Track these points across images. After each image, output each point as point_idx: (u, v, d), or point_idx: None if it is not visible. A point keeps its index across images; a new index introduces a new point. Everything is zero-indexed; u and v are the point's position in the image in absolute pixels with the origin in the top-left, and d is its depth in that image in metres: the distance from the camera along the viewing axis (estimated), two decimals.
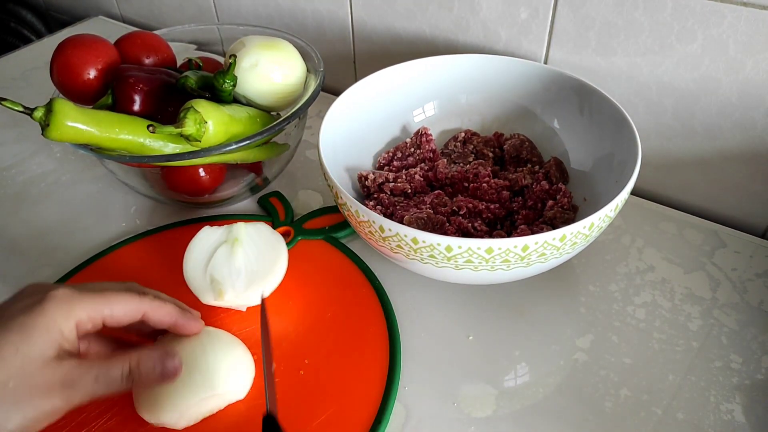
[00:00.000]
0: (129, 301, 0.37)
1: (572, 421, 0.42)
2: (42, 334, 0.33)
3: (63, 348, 0.34)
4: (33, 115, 0.45)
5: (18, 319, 0.33)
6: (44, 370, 0.33)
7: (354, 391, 0.43)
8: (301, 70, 0.57)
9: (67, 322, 0.34)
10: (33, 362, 0.32)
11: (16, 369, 0.32)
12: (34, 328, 0.33)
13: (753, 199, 0.57)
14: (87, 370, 0.34)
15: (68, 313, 0.34)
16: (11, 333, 0.33)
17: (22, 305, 0.34)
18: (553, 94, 0.57)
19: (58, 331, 0.34)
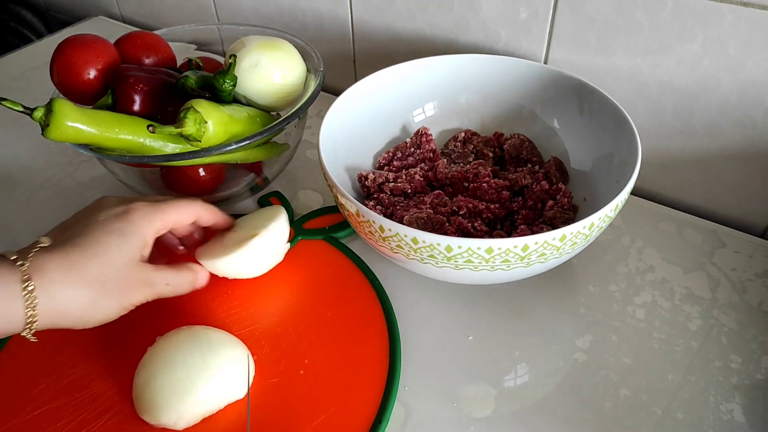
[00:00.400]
0: (189, 206, 0.45)
1: (572, 421, 0.42)
2: (135, 238, 0.41)
3: (145, 251, 0.42)
4: (33, 115, 0.45)
5: (115, 225, 0.40)
6: (134, 270, 0.41)
7: (354, 391, 0.43)
8: (301, 70, 0.57)
9: (149, 230, 0.42)
10: (129, 262, 0.40)
11: (119, 265, 0.40)
12: (130, 233, 0.41)
13: (752, 199, 0.57)
14: (162, 275, 0.43)
15: (150, 222, 0.42)
16: (112, 236, 0.40)
17: (113, 213, 0.41)
18: (553, 94, 0.57)
19: (143, 239, 0.41)
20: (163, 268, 0.43)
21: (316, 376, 0.44)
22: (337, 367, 0.45)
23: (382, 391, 0.43)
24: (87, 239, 0.39)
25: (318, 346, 0.46)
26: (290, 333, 0.47)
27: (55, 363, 0.45)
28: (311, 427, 0.41)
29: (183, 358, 0.40)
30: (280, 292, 0.51)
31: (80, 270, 0.38)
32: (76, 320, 0.39)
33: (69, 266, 0.38)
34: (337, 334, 0.47)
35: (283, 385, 0.44)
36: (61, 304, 0.37)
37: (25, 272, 0.36)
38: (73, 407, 0.42)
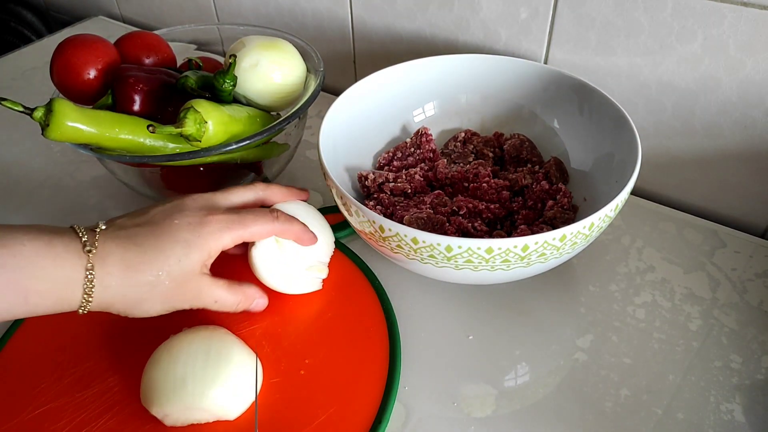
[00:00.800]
0: (265, 226, 0.44)
1: (572, 421, 0.42)
2: (198, 253, 0.41)
3: (206, 265, 0.43)
4: (33, 115, 0.45)
5: (183, 235, 0.41)
6: (189, 281, 0.41)
7: (354, 391, 0.43)
8: (301, 70, 0.57)
9: (216, 246, 0.42)
10: (186, 274, 0.41)
11: (174, 275, 0.40)
12: (194, 246, 0.41)
13: (753, 199, 0.57)
14: (213, 291, 0.43)
15: (218, 240, 0.42)
16: (177, 246, 0.40)
17: (187, 221, 0.42)
18: (553, 94, 0.57)
19: (208, 253, 0.42)
20: (218, 284, 0.43)
21: (316, 376, 0.44)
22: (338, 367, 0.45)
23: (382, 391, 0.43)
24: (151, 242, 0.40)
25: (318, 346, 0.46)
26: (290, 333, 0.47)
27: (56, 363, 0.45)
28: (311, 427, 0.41)
29: (186, 363, 0.40)
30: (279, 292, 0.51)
31: (135, 271, 0.39)
32: (120, 311, 0.40)
33: (127, 264, 0.39)
34: (338, 334, 0.47)
35: (283, 385, 0.44)
36: (111, 296, 0.39)
37: (90, 260, 0.38)
38: (74, 407, 0.42)
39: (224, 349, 0.42)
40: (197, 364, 0.40)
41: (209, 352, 0.41)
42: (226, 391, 0.40)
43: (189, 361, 0.40)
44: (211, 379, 0.40)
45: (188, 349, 0.41)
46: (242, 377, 0.41)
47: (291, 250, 0.48)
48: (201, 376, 0.40)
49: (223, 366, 0.41)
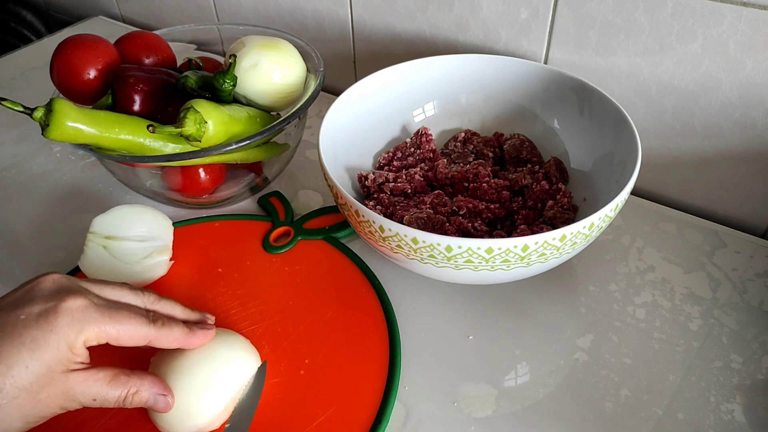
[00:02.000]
0: (138, 328, 0.37)
1: (572, 421, 0.42)
2: (52, 351, 0.33)
3: (72, 361, 0.34)
4: (33, 115, 0.45)
5: (30, 333, 0.33)
6: (50, 386, 0.34)
7: (354, 391, 0.43)
8: (301, 70, 0.57)
9: (77, 339, 0.34)
10: (41, 379, 0.33)
11: (25, 385, 0.33)
12: (45, 345, 0.33)
13: (753, 199, 0.57)
14: (87, 389, 0.35)
15: (79, 331, 0.34)
16: (23, 348, 0.33)
17: (36, 312, 0.34)
18: (553, 94, 0.57)
19: (67, 348, 0.34)
20: (97, 378, 0.35)
21: (316, 376, 0.44)
22: (338, 367, 0.45)
23: (382, 391, 0.43)
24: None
25: (318, 346, 0.46)
26: (290, 333, 0.47)
27: None
28: (311, 427, 0.41)
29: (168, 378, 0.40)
30: (280, 292, 0.51)
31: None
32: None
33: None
34: (338, 334, 0.47)
35: (283, 385, 0.44)
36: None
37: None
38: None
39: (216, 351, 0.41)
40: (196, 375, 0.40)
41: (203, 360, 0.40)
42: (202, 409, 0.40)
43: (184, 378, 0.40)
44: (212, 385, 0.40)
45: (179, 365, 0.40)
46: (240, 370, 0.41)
47: (122, 247, 0.48)
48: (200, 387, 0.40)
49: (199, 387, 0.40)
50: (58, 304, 0.34)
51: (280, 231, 0.57)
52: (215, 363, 0.41)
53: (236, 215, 0.59)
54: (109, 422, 0.42)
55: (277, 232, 0.57)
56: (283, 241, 0.56)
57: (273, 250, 0.54)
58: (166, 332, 0.38)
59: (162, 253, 0.50)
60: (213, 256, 0.54)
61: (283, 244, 0.55)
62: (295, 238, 0.55)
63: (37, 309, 0.34)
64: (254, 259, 0.54)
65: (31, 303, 0.35)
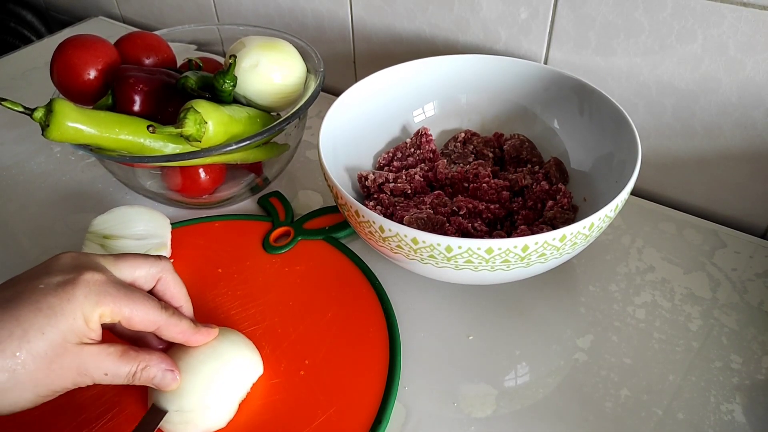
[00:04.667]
0: (150, 311, 0.37)
1: (572, 421, 0.42)
2: (68, 320, 0.34)
3: (86, 335, 0.35)
4: (33, 115, 0.45)
5: (48, 300, 0.33)
6: (64, 356, 0.33)
7: (354, 391, 0.43)
8: (301, 70, 0.57)
9: (93, 312, 0.35)
10: (55, 348, 0.33)
11: (39, 352, 0.33)
12: (62, 313, 0.33)
13: (753, 199, 0.57)
14: (100, 363, 0.35)
15: (95, 304, 0.35)
16: (40, 314, 0.33)
17: (55, 282, 0.35)
18: (553, 94, 0.57)
19: (83, 320, 0.34)
20: (108, 352, 0.35)
21: (316, 377, 0.44)
22: (338, 367, 0.45)
23: (382, 391, 0.43)
24: (7, 313, 0.33)
25: (318, 346, 0.46)
26: (290, 333, 0.47)
27: None
28: (311, 428, 0.41)
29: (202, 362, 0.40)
30: (280, 293, 0.51)
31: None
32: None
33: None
34: (338, 334, 0.47)
35: (283, 385, 0.44)
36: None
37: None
38: (73, 408, 0.42)
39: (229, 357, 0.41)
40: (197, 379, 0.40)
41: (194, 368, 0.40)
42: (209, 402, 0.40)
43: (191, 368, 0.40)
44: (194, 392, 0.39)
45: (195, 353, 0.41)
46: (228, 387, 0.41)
47: (120, 246, 0.49)
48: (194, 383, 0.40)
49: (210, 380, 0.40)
50: (76, 277, 0.35)
51: (280, 231, 0.57)
52: (219, 361, 0.41)
53: (236, 215, 0.59)
54: (109, 422, 0.42)
55: (277, 232, 0.57)
56: (283, 242, 0.56)
57: (273, 250, 0.54)
58: (175, 322, 0.39)
59: (159, 250, 0.50)
60: (213, 256, 0.54)
61: (283, 245, 0.55)
62: (295, 238, 0.55)
63: (55, 280, 0.35)
64: (254, 259, 0.54)
65: (50, 275, 0.35)
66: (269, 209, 0.59)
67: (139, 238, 0.50)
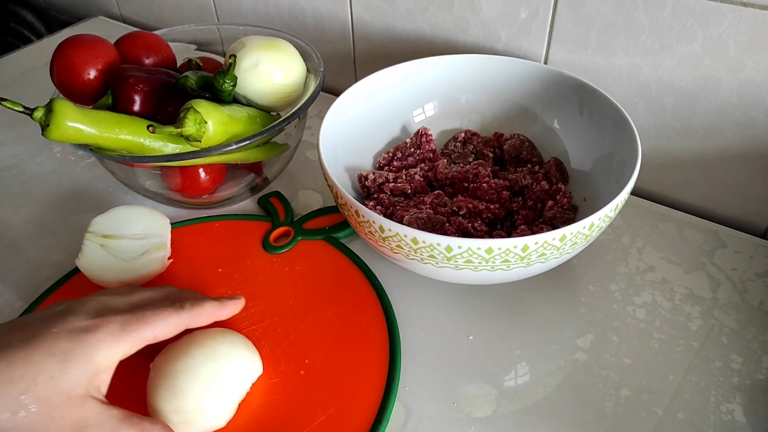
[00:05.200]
0: (170, 320, 0.38)
1: (572, 421, 0.42)
2: (79, 369, 0.34)
3: (92, 385, 0.35)
4: (33, 115, 0.45)
5: (63, 345, 0.34)
6: (66, 407, 0.33)
7: (354, 391, 0.43)
8: (301, 70, 0.57)
9: (107, 359, 0.35)
10: (60, 396, 0.33)
11: (45, 397, 0.33)
12: (74, 361, 0.34)
13: (753, 199, 0.57)
14: (101, 421, 0.35)
15: (109, 349, 0.35)
16: (53, 359, 0.33)
17: (71, 327, 0.35)
18: (553, 94, 0.57)
19: (94, 368, 0.34)
20: (111, 414, 0.35)
21: (316, 376, 0.44)
22: (337, 367, 0.45)
23: (382, 391, 0.43)
24: (20, 354, 0.32)
25: (318, 346, 0.46)
26: (290, 333, 0.47)
27: None
28: (311, 427, 0.41)
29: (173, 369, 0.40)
30: (280, 293, 0.51)
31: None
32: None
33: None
34: (337, 334, 0.47)
35: (283, 385, 0.44)
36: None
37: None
38: None
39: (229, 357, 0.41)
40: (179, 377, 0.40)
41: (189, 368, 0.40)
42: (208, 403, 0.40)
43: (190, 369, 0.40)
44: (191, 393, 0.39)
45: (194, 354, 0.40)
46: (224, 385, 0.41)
47: (120, 245, 0.49)
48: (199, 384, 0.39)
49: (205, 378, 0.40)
50: (96, 323, 0.35)
51: (280, 231, 0.57)
52: (218, 362, 0.41)
53: (236, 215, 0.59)
54: None
55: (277, 232, 0.57)
56: (283, 241, 0.56)
57: (273, 250, 0.55)
58: (198, 311, 0.40)
59: (159, 249, 0.50)
60: (213, 256, 0.54)
61: (283, 245, 0.55)
62: (295, 238, 0.55)
63: (70, 326, 0.35)
64: (254, 259, 0.54)
65: (65, 321, 0.35)
66: (269, 209, 0.59)
67: (139, 238, 0.50)
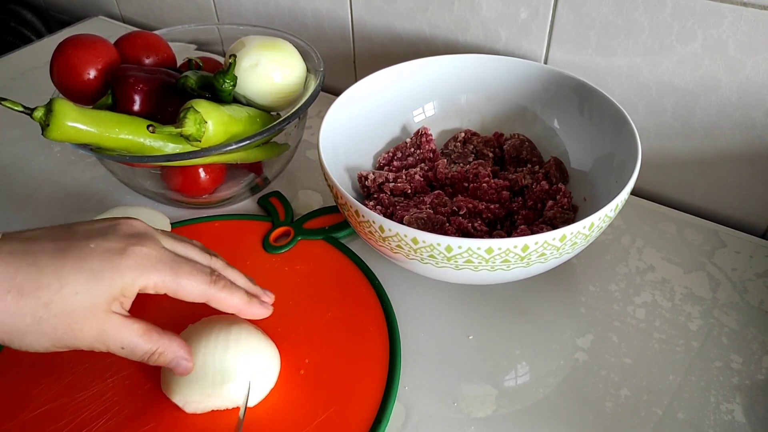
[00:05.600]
0: (197, 285, 0.38)
1: (572, 421, 0.42)
2: (105, 287, 0.34)
3: (116, 302, 0.35)
4: (33, 115, 0.45)
5: (92, 263, 0.34)
6: (87, 320, 0.34)
7: (354, 391, 0.43)
8: (301, 70, 0.57)
9: (133, 285, 0.35)
10: (82, 311, 0.34)
11: (67, 310, 0.33)
12: (100, 281, 0.34)
13: (753, 199, 0.57)
14: (121, 336, 0.35)
15: (137, 277, 0.35)
16: (80, 275, 0.34)
17: (104, 248, 0.35)
18: (553, 94, 0.57)
19: (120, 290, 0.35)
20: (131, 328, 0.36)
21: (316, 376, 0.44)
22: (337, 367, 0.45)
23: (382, 391, 0.43)
24: (53, 264, 0.33)
25: (318, 345, 0.46)
26: (290, 333, 0.47)
27: (55, 363, 0.45)
28: (311, 427, 0.41)
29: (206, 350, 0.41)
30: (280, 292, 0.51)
31: (19, 295, 0.32)
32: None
33: (9, 286, 0.32)
34: (337, 334, 0.47)
35: (283, 384, 0.44)
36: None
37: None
38: (73, 407, 0.42)
39: (244, 338, 0.42)
40: (217, 352, 0.41)
41: (228, 341, 0.41)
42: (246, 379, 0.41)
43: (209, 350, 0.41)
44: (232, 367, 0.40)
45: (208, 338, 0.41)
46: (262, 365, 0.42)
47: None
48: (221, 365, 0.40)
49: (243, 355, 0.41)
50: (127, 246, 0.36)
51: (280, 231, 0.57)
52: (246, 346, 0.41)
53: (236, 215, 0.59)
54: (109, 422, 0.42)
55: (277, 232, 0.57)
56: (283, 241, 0.56)
57: (273, 250, 0.54)
58: (226, 295, 0.39)
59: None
60: None
61: (283, 244, 0.55)
62: (295, 238, 0.55)
63: (107, 245, 0.35)
64: (254, 259, 0.54)
65: (104, 238, 0.36)
66: (269, 209, 0.59)
67: None
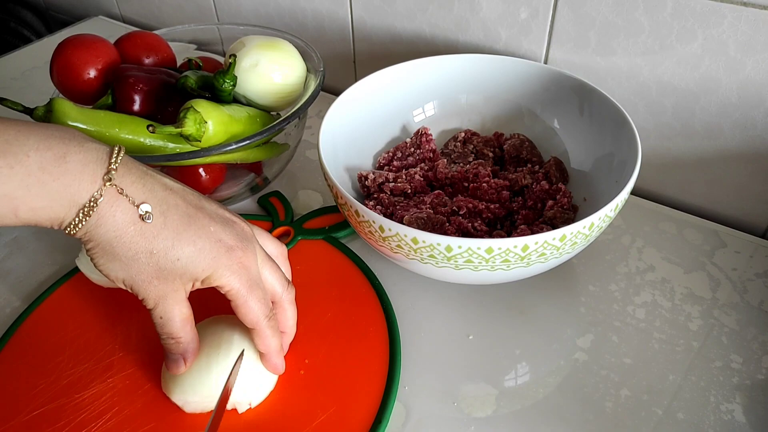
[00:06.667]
0: (256, 315, 0.40)
1: (572, 421, 0.42)
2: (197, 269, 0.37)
3: (192, 283, 0.38)
4: (33, 115, 0.45)
5: (204, 244, 0.37)
6: (166, 281, 0.37)
7: (354, 391, 0.43)
8: (301, 70, 0.57)
9: (216, 280, 0.38)
10: (170, 272, 0.37)
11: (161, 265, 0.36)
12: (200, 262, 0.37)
13: (753, 199, 0.57)
14: (170, 310, 0.38)
15: (222, 277, 0.38)
16: (190, 247, 0.37)
17: (217, 237, 0.38)
18: (553, 94, 0.57)
19: (205, 277, 0.38)
20: (180, 307, 0.38)
21: (316, 376, 0.44)
22: (338, 367, 0.45)
23: (382, 391, 0.43)
24: (178, 224, 0.37)
25: (318, 346, 0.46)
26: None
27: (55, 363, 0.45)
28: (311, 427, 0.41)
29: (209, 349, 0.41)
30: None
31: (137, 235, 0.35)
32: (91, 253, 0.36)
33: (134, 218, 0.35)
34: (337, 334, 0.47)
35: (283, 384, 0.44)
36: (98, 235, 0.35)
37: (103, 191, 0.34)
38: (73, 407, 0.42)
39: (245, 339, 0.42)
40: (220, 352, 0.41)
41: (231, 342, 0.42)
42: (246, 382, 0.41)
43: (212, 350, 0.41)
44: (233, 367, 0.40)
45: (212, 338, 0.42)
46: (262, 366, 0.42)
47: None
48: (222, 365, 0.40)
49: (245, 356, 0.41)
50: (234, 247, 0.38)
51: (280, 231, 0.57)
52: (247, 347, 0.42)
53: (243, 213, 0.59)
54: (109, 422, 0.42)
55: (277, 232, 0.57)
56: (283, 241, 0.55)
57: None
58: (269, 335, 0.41)
59: None
60: None
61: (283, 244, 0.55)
62: (295, 238, 0.55)
63: (221, 236, 0.38)
64: None
65: (222, 229, 0.39)
66: (269, 209, 0.59)
67: None
